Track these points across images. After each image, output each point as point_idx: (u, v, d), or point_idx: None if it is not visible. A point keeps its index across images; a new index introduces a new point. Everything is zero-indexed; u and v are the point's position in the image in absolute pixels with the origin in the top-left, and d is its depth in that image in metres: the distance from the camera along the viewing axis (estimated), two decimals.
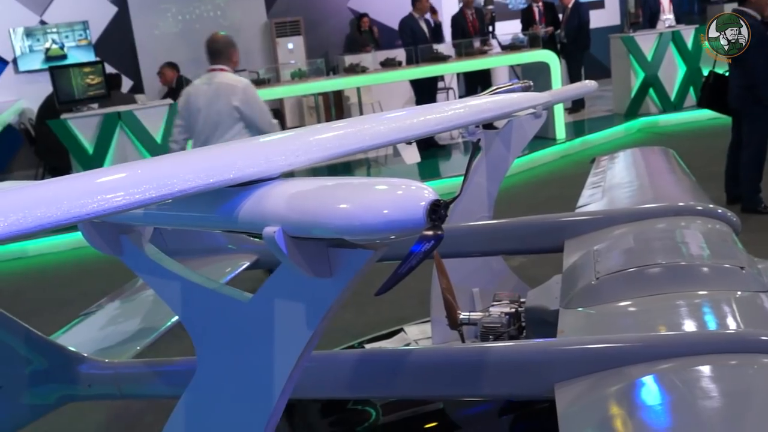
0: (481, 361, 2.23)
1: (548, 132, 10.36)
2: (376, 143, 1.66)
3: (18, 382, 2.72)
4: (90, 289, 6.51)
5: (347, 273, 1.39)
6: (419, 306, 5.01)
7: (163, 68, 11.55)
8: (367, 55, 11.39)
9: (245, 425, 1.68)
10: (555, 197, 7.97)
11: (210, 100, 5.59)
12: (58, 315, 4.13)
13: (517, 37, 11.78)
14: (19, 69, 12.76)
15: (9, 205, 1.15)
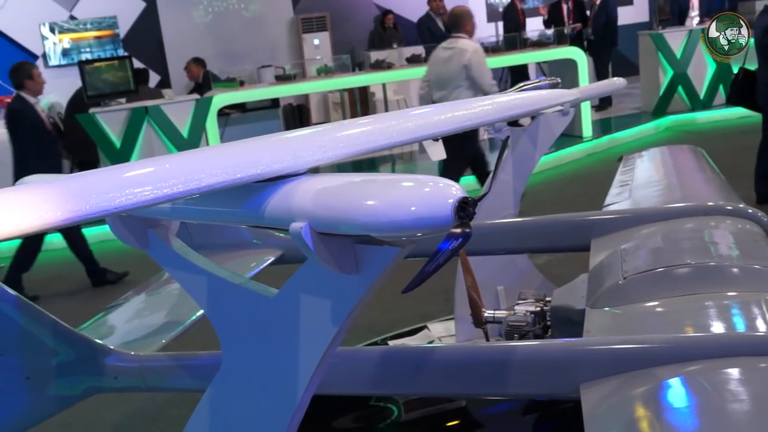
0: (507, 360, 2.22)
1: (574, 130, 10.28)
2: (403, 140, 1.65)
3: (45, 373, 2.75)
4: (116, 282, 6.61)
5: (374, 270, 1.38)
6: (443, 303, 4.99)
7: (190, 64, 11.63)
8: (393, 51, 11.37)
9: (270, 420, 1.68)
10: (581, 195, 7.91)
11: (446, 61, 6.90)
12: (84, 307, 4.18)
13: (544, 33, 11.70)
14: (49, 64, 12.90)
15: (40, 199, 1.16)
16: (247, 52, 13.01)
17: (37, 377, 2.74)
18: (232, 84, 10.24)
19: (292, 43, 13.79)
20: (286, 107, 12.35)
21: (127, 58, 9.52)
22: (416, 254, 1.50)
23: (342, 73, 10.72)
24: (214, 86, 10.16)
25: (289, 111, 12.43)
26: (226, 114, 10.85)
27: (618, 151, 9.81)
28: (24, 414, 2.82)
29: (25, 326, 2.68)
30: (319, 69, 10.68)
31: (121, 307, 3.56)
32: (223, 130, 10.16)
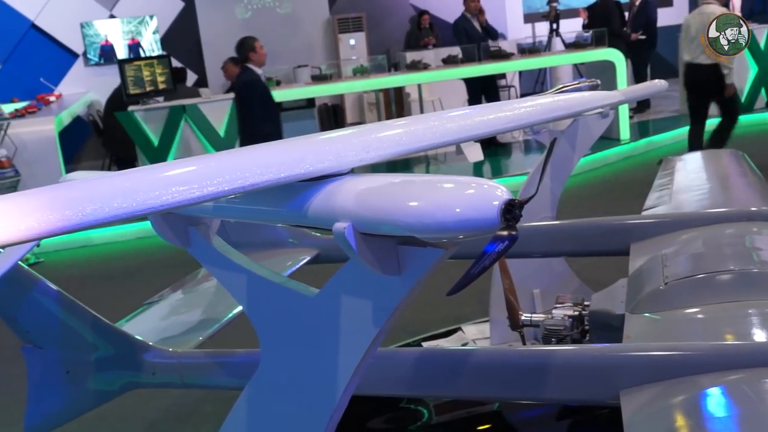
0: (545, 364, 2.20)
1: (612, 132, 10.16)
2: (446, 140, 1.64)
3: (85, 367, 2.79)
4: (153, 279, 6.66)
5: (416, 271, 1.37)
6: (477, 305, 4.97)
7: (227, 63, 11.71)
8: (429, 52, 11.34)
9: (308, 420, 1.68)
10: (618, 199, 7.82)
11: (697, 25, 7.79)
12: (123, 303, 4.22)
13: (581, 34, 11.58)
14: (89, 62, 13.09)
15: (86, 196, 1.17)
16: (284, 52, 13.07)
17: (77, 371, 2.79)
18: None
19: (328, 43, 13.83)
20: (322, 107, 12.39)
21: (165, 57, 9.62)
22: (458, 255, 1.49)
23: (378, 73, 10.72)
24: None
25: (324, 111, 12.46)
26: None
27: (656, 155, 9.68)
28: (64, 407, 2.86)
29: (66, 321, 2.73)
30: (354, 69, 10.69)
31: (157, 304, 3.59)
32: None
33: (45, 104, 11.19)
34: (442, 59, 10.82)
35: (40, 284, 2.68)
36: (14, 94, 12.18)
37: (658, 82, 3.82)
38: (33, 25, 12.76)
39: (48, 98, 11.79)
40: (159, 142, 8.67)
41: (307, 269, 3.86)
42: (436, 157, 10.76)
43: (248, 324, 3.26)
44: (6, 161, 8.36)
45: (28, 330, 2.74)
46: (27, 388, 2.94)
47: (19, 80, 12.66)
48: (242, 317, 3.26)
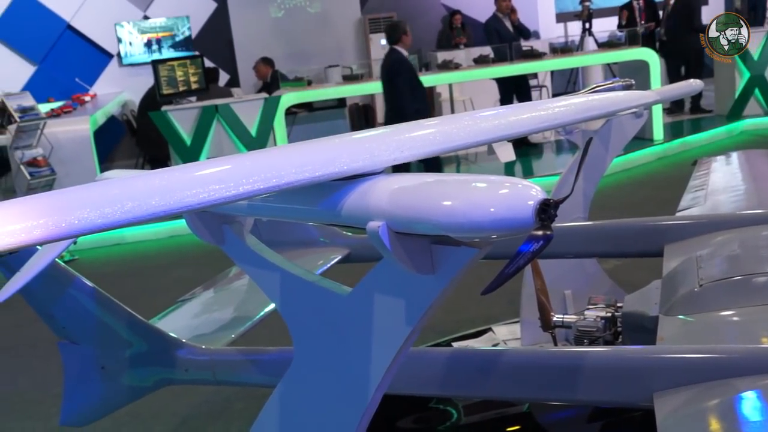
0: (578, 366, 2.18)
1: (645, 132, 10.05)
2: (479, 140, 1.63)
3: (120, 363, 2.83)
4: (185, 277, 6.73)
5: (450, 270, 1.37)
6: (508, 306, 4.95)
7: (259, 63, 11.80)
8: (460, 52, 11.31)
9: (340, 418, 1.69)
10: (651, 200, 7.74)
11: None
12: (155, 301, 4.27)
13: (614, 34, 11.47)
14: (123, 62, 13.26)
15: (125, 194, 1.19)
16: (315, 52, 13.13)
17: (111, 367, 2.82)
18: (300, 83, 10.34)
19: (359, 43, 13.86)
20: (352, 107, 12.43)
21: (198, 58, 9.71)
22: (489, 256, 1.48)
23: None
24: (282, 85, 10.28)
25: (355, 111, 12.49)
26: (294, 113, 10.97)
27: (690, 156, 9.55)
28: (99, 402, 2.91)
29: (101, 317, 2.76)
30: None
31: (190, 302, 3.63)
32: (290, 129, 10.27)
33: (80, 104, 11.36)
34: (473, 59, 10.78)
35: (77, 281, 2.72)
36: (50, 94, 12.37)
37: (694, 82, 3.77)
38: (69, 26, 12.95)
39: (83, 98, 11.96)
40: (191, 142, 8.75)
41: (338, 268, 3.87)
42: (466, 157, 10.73)
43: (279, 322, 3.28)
44: (42, 160, 8.50)
45: (65, 326, 2.78)
46: (62, 384, 2.98)
47: (55, 80, 12.86)
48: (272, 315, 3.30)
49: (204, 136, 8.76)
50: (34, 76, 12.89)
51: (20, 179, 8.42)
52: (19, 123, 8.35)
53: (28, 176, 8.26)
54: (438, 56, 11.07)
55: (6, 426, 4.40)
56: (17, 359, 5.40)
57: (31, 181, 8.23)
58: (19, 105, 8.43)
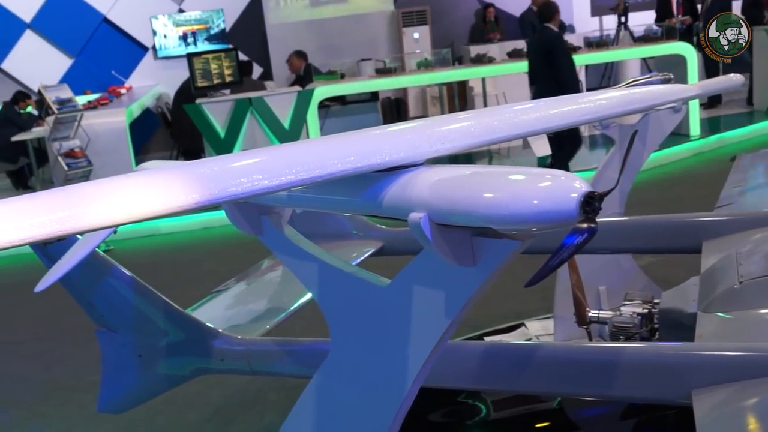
0: (615, 361, 2.16)
1: (681, 128, 9.91)
2: (520, 133, 1.63)
3: (156, 352, 2.86)
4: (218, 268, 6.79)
5: (491, 263, 1.37)
6: (540, 302, 4.92)
7: (292, 57, 11.84)
8: (494, 46, 11.25)
9: (376, 410, 1.69)
10: (687, 197, 7.64)
11: None
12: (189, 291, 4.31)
13: (650, 28, 11.32)
14: (158, 55, 13.39)
15: (170, 183, 1.20)
16: (348, 45, 13.14)
17: (148, 356, 2.86)
18: (333, 77, 10.36)
19: (392, 36, 13.84)
20: (385, 101, 12.42)
21: (233, 51, 9.77)
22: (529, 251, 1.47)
23: (442, 67, 10.68)
24: (316, 79, 10.31)
25: (387, 105, 12.49)
26: (326, 106, 11.00)
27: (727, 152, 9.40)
28: (135, 390, 2.94)
29: (139, 306, 2.80)
30: (419, 62, 10.68)
31: (224, 292, 3.66)
32: (323, 122, 10.30)
33: (116, 96, 11.50)
34: (507, 53, 10.72)
35: (115, 270, 2.76)
36: (87, 86, 12.54)
37: (734, 77, 3.71)
38: (105, 19, 13.11)
39: (119, 90, 12.12)
40: (225, 134, 8.81)
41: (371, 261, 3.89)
42: (499, 151, 10.67)
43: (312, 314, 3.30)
44: (79, 151, 8.62)
45: (103, 314, 2.82)
46: (99, 371, 3.03)
47: (92, 73, 13.04)
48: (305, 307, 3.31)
49: (237, 129, 8.82)
50: (71, 69, 13.08)
51: (58, 170, 8.56)
52: (57, 115, 8.47)
53: (66, 167, 8.39)
54: (471, 50, 11.02)
55: (44, 412, 4.49)
56: (54, 347, 5.49)
57: (69, 172, 8.36)
58: (57, 97, 8.56)
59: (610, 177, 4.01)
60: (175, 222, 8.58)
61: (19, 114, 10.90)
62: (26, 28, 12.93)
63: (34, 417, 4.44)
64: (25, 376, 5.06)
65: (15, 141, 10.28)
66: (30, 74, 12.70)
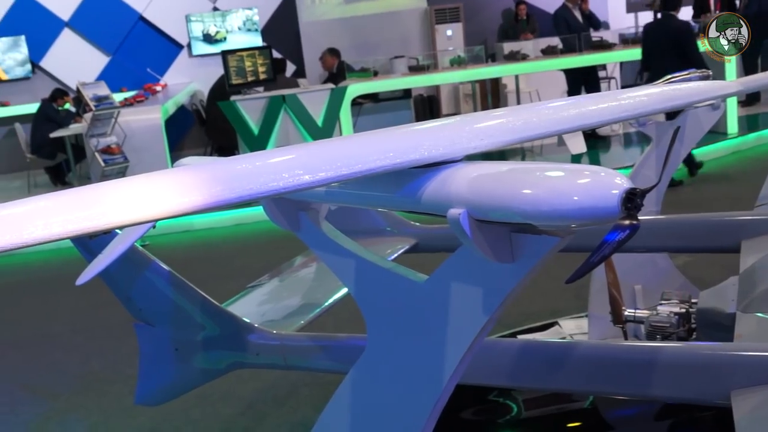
0: (653, 361, 2.14)
1: (719, 126, 9.75)
2: (559, 129, 1.62)
3: (193, 346, 2.89)
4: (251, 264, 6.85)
5: (530, 259, 1.36)
6: (574, 300, 4.89)
7: (325, 54, 11.88)
8: (528, 43, 11.18)
9: (412, 406, 1.69)
10: (725, 195, 7.54)
11: None
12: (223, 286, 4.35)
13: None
14: (192, 53, 13.51)
15: (212, 178, 1.22)
16: (381, 43, 13.14)
17: (185, 349, 2.89)
18: (366, 74, 10.38)
19: (425, 34, 13.81)
20: (417, 98, 12.41)
21: (267, 48, 9.82)
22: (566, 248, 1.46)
23: (475, 64, 10.64)
24: (349, 76, 10.33)
25: (420, 102, 12.48)
26: (359, 104, 11.02)
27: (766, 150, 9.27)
28: (172, 383, 2.98)
29: (176, 300, 2.83)
30: (452, 60, 10.65)
31: (258, 288, 3.69)
32: (355, 119, 10.32)
33: (152, 93, 11.63)
34: (541, 50, 10.64)
35: (153, 264, 2.79)
36: (123, 83, 12.70)
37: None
38: (141, 18, 13.26)
39: (154, 88, 12.25)
40: (259, 131, 8.87)
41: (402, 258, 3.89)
42: (531, 149, 10.61)
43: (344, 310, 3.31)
44: (116, 148, 8.73)
45: (141, 308, 2.86)
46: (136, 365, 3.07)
47: (128, 70, 13.20)
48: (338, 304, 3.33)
49: (271, 126, 8.87)
50: (107, 66, 13.25)
51: (95, 166, 8.68)
52: (94, 112, 8.59)
53: (103, 163, 8.51)
54: (504, 47, 10.96)
55: (82, 404, 4.56)
56: (91, 340, 5.58)
57: (105, 168, 8.47)
58: (94, 94, 8.67)
59: (646, 175, 3.97)
60: (209, 218, 8.66)
61: (57, 111, 11.09)
62: (64, 27, 13.12)
63: (73, 408, 4.52)
64: (63, 368, 5.15)
65: (53, 137, 10.46)
66: (68, 72, 12.90)
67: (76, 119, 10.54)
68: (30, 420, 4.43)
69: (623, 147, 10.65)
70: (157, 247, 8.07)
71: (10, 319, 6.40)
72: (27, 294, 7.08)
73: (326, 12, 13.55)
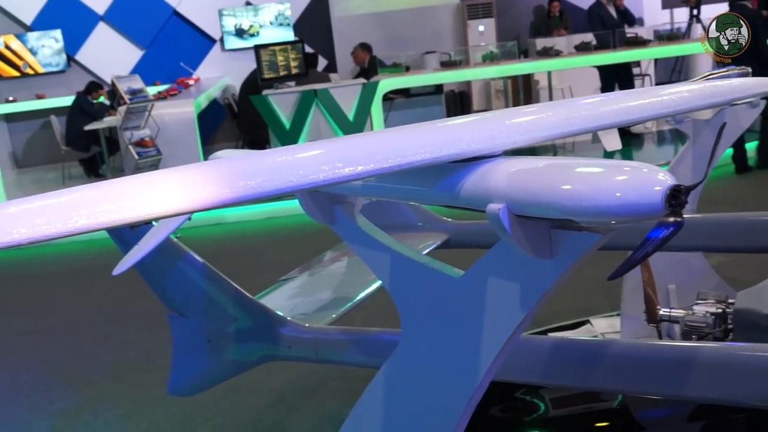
0: (691, 361, 2.11)
1: (755, 124, 9.60)
2: (601, 124, 1.60)
3: (225, 337, 2.91)
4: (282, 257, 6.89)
5: (570, 255, 1.35)
6: (604, 299, 4.85)
7: (357, 49, 11.88)
8: (561, 39, 11.09)
9: (446, 402, 1.69)
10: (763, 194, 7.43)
11: None
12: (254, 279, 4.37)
13: None
14: (225, 47, 13.59)
15: (253, 170, 1.22)
16: (412, 38, 13.12)
17: (217, 341, 2.91)
18: (398, 69, 10.36)
19: (457, 29, 13.76)
20: (448, 94, 12.38)
21: (299, 43, 9.85)
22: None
23: (508, 60, 10.57)
24: (380, 71, 10.32)
25: (451, 98, 12.44)
26: (390, 99, 11.01)
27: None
28: (204, 374, 3.00)
29: (210, 292, 2.85)
30: (484, 55, 10.59)
31: (290, 281, 3.70)
32: (387, 114, 10.32)
33: (185, 87, 11.73)
34: (574, 46, 10.55)
35: (188, 256, 2.82)
36: (156, 77, 12.83)
37: None
38: (175, 12, 13.38)
39: (187, 82, 12.35)
40: (290, 126, 8.90)
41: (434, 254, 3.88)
42: (563, 145, 10.53)
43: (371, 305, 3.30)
44: (149, 141, 8.83)
45: (175, 299, 2.88)
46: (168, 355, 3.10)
47: (161, 64, 13.32)
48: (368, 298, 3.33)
49: (303, 120, 8.90)
50: (141, 60, 13.39)
51: (129, 158, 8.78)
52: (128, 105, 8.69)
53: (136, 156, 8.60)
54: (537, 43, 10.88)
55: (115, 393, 4.62)
56: (124, 330, 5.65)
57: (139, 161, 8.57)
58: (129, 87, 8.77)
59: (683, 173, 3.91)
60: (240, 211, 8.71)
61: (91, 104, 11.22)
62: (99, 21, 13.28)
63: (105, 397, 4.58)
64: (96, 357, 5.22)
65: (88, 130, 10.59)
66: (102, 65, 13.05)
67: (110, 112, 10.66)
68: (65, 408, 4.49)
69: (656, 145, 10.53)
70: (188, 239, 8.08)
71: (45, 308, 6.50)
72: (60, 284, 7.19)
73: (358, 7, 13.55)
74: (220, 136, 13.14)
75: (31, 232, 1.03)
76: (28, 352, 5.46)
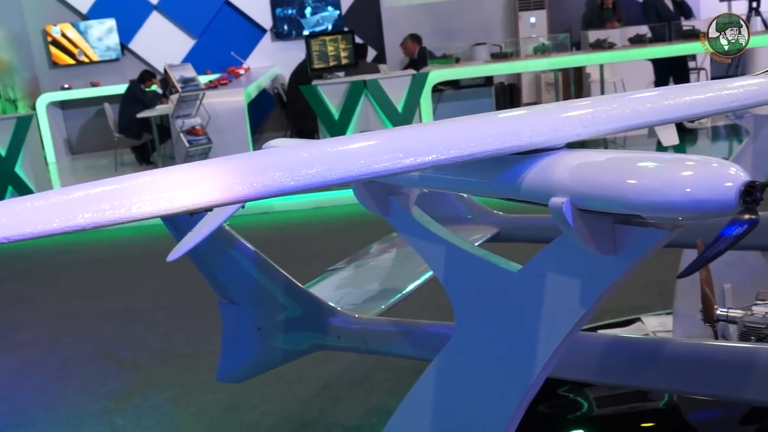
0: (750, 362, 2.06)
1: None
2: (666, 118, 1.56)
3: (275, 325, 2.93)
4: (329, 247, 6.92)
5: (634, 252, 1.31)
6: (655, 297, 4.76)
7: (407, 40, 11.85)
8: (615, 31, 10.90)
9: (500, 397, 1.66)
10: None
11: None
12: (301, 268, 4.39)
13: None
14: (275, 37, 13.68)
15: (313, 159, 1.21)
16: (462, 29, 13.03)
17: (267, 329, 2.93)
18: (448, 61, 10.31)
19: (507, 20, 13.63)
20: (498, 86, 12.27)
21: (350, 33, 9.86)
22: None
23: (559, 52, 10.43)
24: (430, 62, 10.28)
25: (500, 90, 12.33)
26: (440, 90, 10.96)
27: None
28: (253, 362, 3.02)
29: (260, 280, 2.87)
30: (535, 48, 10.47)
31: (340, 271, 3.71)
32: (435, 106, 10.27)
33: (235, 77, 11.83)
34: (628, 38, 10.36)
35: (239, 244, 2.83)
36: (207, 66, 12.97)
37: None
38: (226, 2, 13.49)
39: (238, 71, 12.45)
40: (339, 116, 8.91)
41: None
42: (614, 140, 10.36)
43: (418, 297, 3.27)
44: (200, 129, 8.93)
45: (226, 286, 2.90)
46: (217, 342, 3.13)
47: (212, 53, 13.46)
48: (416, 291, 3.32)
49: (351, 111, 8.90)
50: (193, 49, 13.55)
51: (180, 146, 8.89)
52: (181, 93, 8.79)
53: (187, 144, 8.71)
54: (589, 35, 10.71)
55: (163, 378, 4.69)
56: (173, 316, 5.73)
57: (190, 149, 8.67)
58: (181, 76, 8.87)
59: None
60: (288, 201, 8.76)
61: (144, 92, 11.40)
62: (153, 10, 13.47)
63: (154, 382, 4.65)
64: (145, 342, 5.30)
65: (140, 117, 10.76)
66: (155, 54, 13.25)
67: (163, 100, 10.81)
68: (115, 390, 4.58)
69: (710, 140, 10.30)
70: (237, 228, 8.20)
71: (98, 293, 6.63)
72: (112, 269, 7.32)
73: None
74: (269, 125, 13.24)
75: (96, 216, 1.04)
76: (80, 335, 5.58)
